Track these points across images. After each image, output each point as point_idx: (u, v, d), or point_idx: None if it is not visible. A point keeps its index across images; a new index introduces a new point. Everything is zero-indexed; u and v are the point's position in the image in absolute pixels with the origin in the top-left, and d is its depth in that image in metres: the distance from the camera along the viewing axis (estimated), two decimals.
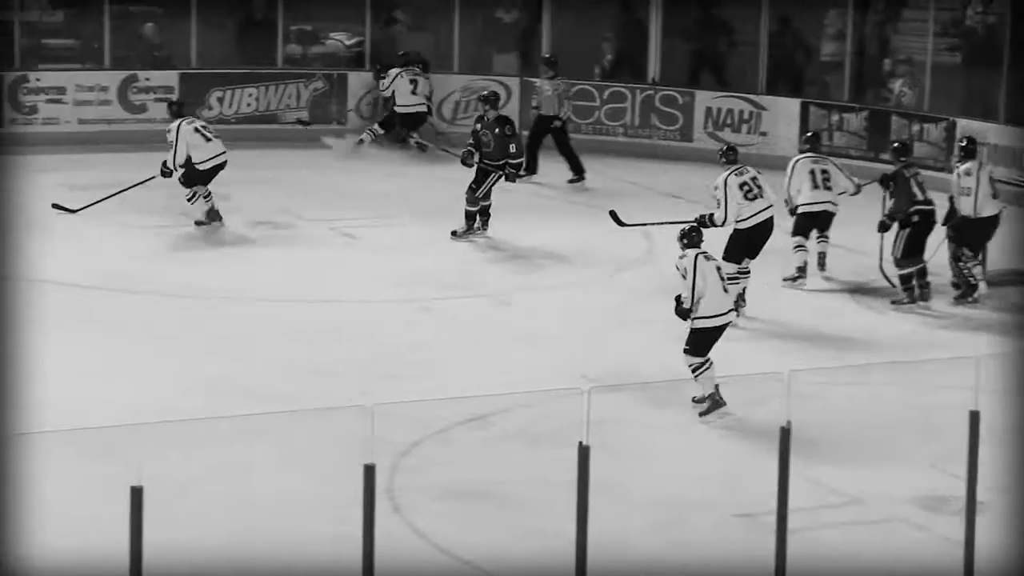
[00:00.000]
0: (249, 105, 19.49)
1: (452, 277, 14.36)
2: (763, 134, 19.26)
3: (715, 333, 11.19)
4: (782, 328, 13.43)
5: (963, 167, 14.16)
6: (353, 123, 19.74)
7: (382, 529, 7.60)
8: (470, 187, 15.46)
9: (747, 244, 13.39)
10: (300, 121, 19.01)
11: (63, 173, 17.33)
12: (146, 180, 15.59)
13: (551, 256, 14.95)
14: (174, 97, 15.89)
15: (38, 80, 18.75)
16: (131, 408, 10.57)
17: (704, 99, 19.55)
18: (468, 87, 20.00)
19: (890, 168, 14.55)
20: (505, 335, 12.97)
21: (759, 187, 13.28)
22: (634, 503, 9.66)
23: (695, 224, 11.53)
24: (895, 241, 14.08)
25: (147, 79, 19.12)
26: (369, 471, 7.51)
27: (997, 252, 14.51)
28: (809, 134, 15.50)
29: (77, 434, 9.82)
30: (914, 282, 14.00)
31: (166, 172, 15.54)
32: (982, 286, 14.01)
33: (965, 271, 14.04)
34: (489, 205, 15.50)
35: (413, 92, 18.96)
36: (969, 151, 14.25)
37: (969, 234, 14.07)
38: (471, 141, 15.60)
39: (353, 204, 16.68)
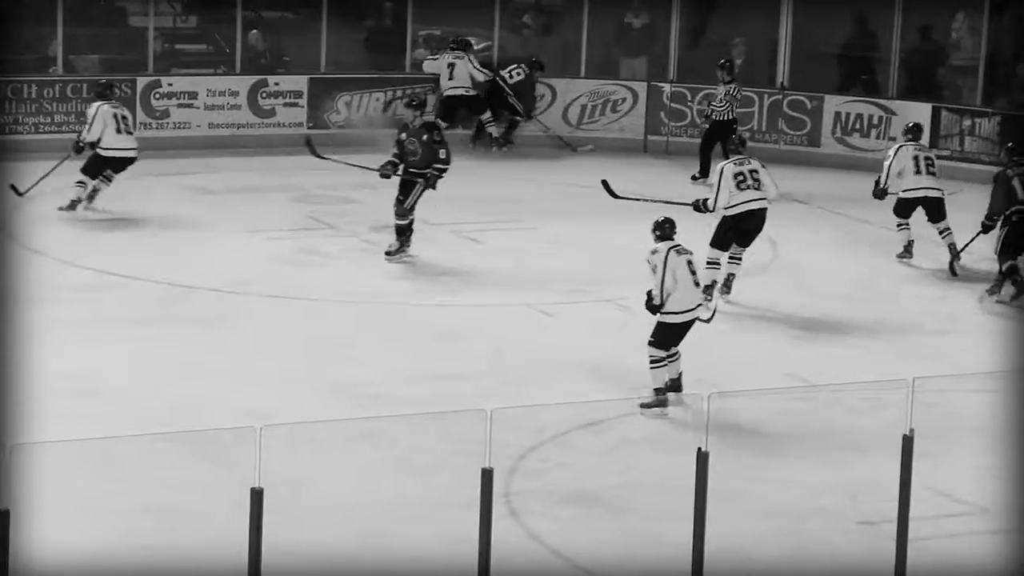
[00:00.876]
0: (376, 110, 19.62)
1: (575, 281, 14.34)
2: (892, 139, 19.02)
3: (681, 328, 11.25)
4: (907, 334, 13.28)
5: None
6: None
7: (499, 533, 7.62)
8: (397, 200, 14.60)
9: (731, 231, 13.76)
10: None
11: (193, 176, 17.56)
12: (64, 159, 15.71)
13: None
14: (104, 82, 16.16)
15: (170, 85, 19.00)
16: (251, 410, 10.67)
17: (833, 104, 19.38)
18: (595, 91, 20.00)
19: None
20: (626, 339, 12.92)
21: (756, 180, 13.67)
22: (753, 510, 9.59)
23: (669, 217, 11.50)
24: (998, 238, 14.22)
25: (276, 84, 19.32)
26: (487, 475, 7.52)
27: None
28: (911, 124, 15.81)
29: (193, 435, 9.94)
30: (1019, 276, 14.05)
31: (78, 147, 15.67)
32: None
33: None
34: (413, 220, 14.68)
35: (449, 77, 19.19)
36: None
37: None
38: (395, 151, 14.73)
39: (477, 207, 16.73)
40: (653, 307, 11.23)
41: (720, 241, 13.84)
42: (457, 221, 16.13)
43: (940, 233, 15.17)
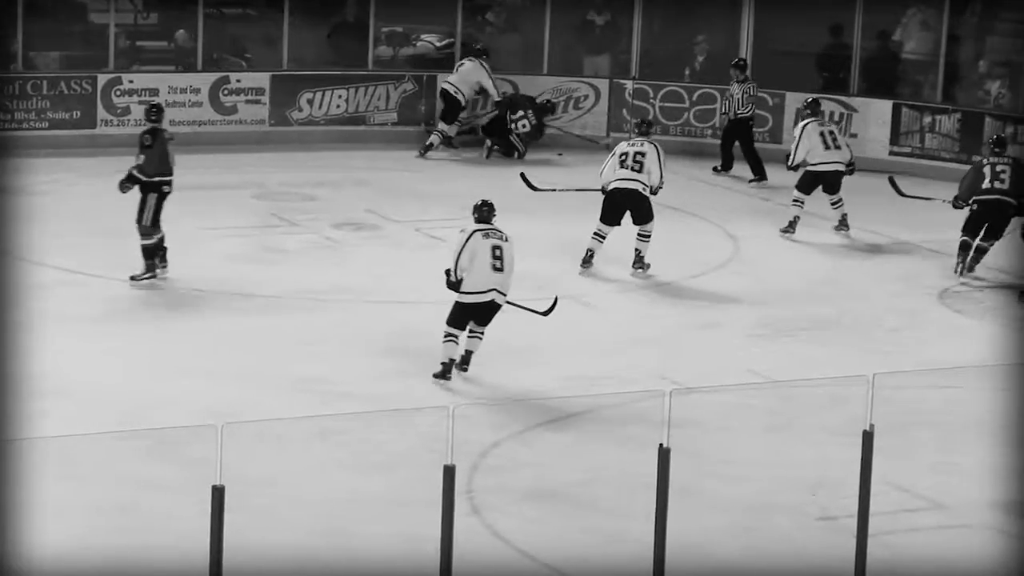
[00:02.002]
0: (338, 107, 19.58)
1: (535, 278, 14.34)
2: (853, 136, 19.11)
3: (474, 309, 11.62)
4: (867, 329, 13.34)
5: None
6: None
7: (461, 530, 7.62)
8: (136, 219, 13.62)
9: (606, 206, 14.40)
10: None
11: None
12: None
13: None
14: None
15: (131, 82, 18.93)
16: (213, 408, 10.65)
17: (795, 100, 19.39)
18: (558, 88, 19.99)
19: None
20: (587, 337, 12.96)
21: (638, 163, 14.30)
22: (714, 506, 9.62)
23: (488, 200, 11.98)
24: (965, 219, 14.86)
25: (238, 81, 19.26)
26: (449, 472, 7.53)
27: None
28: (810, 100, 16.71)
29: (155, 433, 9.92)
30: (964, 255, 14.62)
31: None
32: None
33: None
34: (163, 237, 13.63)
35: (454, 71, 19.21)
36: None
37: None
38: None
39: (439, 205, 16.71)
40: (449, 284, 11.64)
41: (604, 215, 14.48)
42: (420, 218, 16.13)
43: (832, 204, 16.06)
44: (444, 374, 11.59)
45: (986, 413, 11.13)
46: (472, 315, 11.65)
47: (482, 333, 11.73)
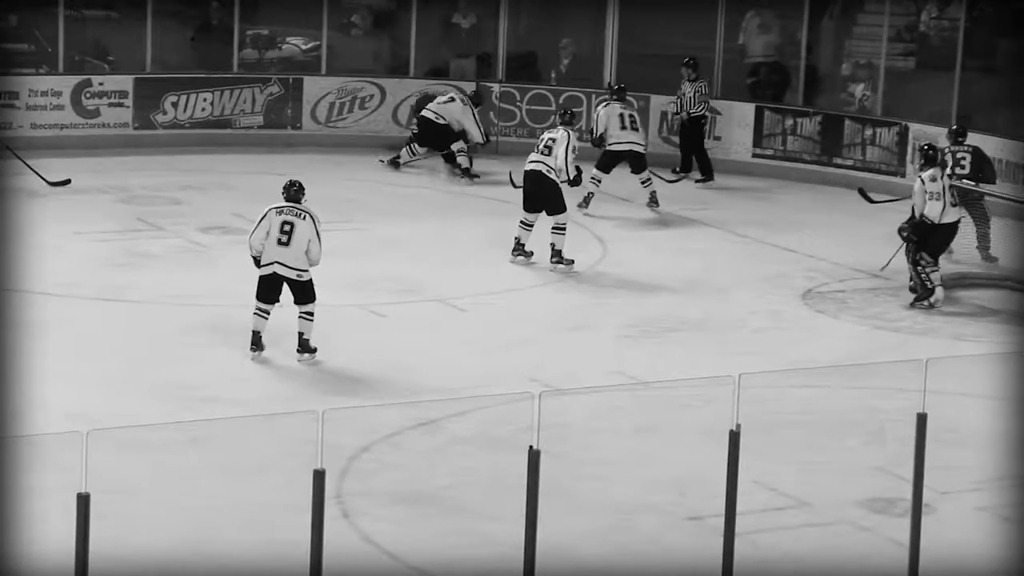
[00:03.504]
0: (204, 110, 19.44)
1: (406, 281, 14.36)
2: (717, 138, 19.31)
3: (267, 281, 12.10)
4: (733, 330, 13.48)
5: (927, 173, 14.35)
6: (308, 127, 19.73)
7: (331, 534, 7.60)
8: None
9: (523, 193, 14.83)
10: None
11: (15, 178, 17.22)
12: None
13: (504, 260, 14.96)
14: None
15: None
16: (78, 414, 10.52)
17: (659, 103, 19.57)
18: (425, 91, 19.98)
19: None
20: (457, 339, 12.98)
21: (547, 146, 14.91)
22: (584, 507, 9.67)
23: (297, 180, 12.24)
24: None
25: (101, 84, 19.05)
26: (318, 476, 7.50)
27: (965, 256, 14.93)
28: (617, 86, 17.51)
29: (21, 440, 9.78)
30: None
31: None
32: (939, 291, 14.18)
33: (923, 275, 14.22)
34: None
35: (441, 101, 18.66)
36: (931, 157, 14.50)
37: (930, 239, 14.25)
38: None
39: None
40: (252, 258, 12.14)
41: (523, 202, 14.89)
42: None
43: (642, 183, 16.92)
44: (251, 346, 12.06)
45: (849, 412, 11.30)
46: (273, 289, 12.06)
47: (309, 314, 12.12)
